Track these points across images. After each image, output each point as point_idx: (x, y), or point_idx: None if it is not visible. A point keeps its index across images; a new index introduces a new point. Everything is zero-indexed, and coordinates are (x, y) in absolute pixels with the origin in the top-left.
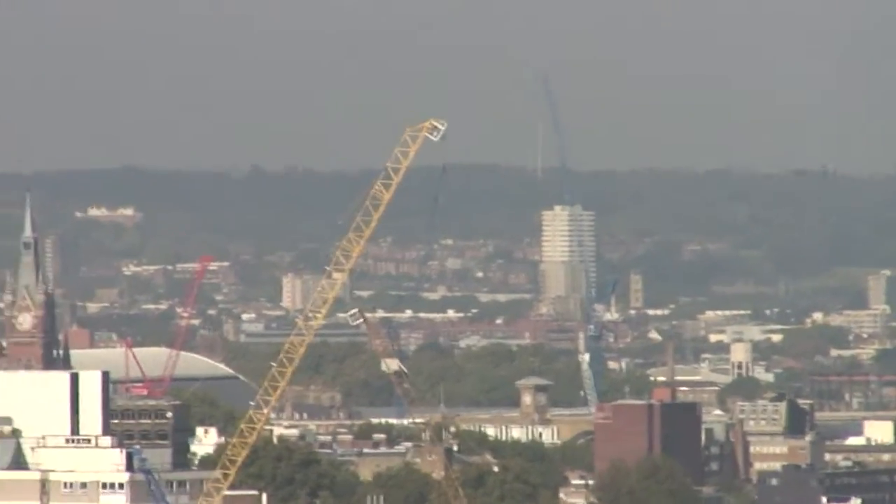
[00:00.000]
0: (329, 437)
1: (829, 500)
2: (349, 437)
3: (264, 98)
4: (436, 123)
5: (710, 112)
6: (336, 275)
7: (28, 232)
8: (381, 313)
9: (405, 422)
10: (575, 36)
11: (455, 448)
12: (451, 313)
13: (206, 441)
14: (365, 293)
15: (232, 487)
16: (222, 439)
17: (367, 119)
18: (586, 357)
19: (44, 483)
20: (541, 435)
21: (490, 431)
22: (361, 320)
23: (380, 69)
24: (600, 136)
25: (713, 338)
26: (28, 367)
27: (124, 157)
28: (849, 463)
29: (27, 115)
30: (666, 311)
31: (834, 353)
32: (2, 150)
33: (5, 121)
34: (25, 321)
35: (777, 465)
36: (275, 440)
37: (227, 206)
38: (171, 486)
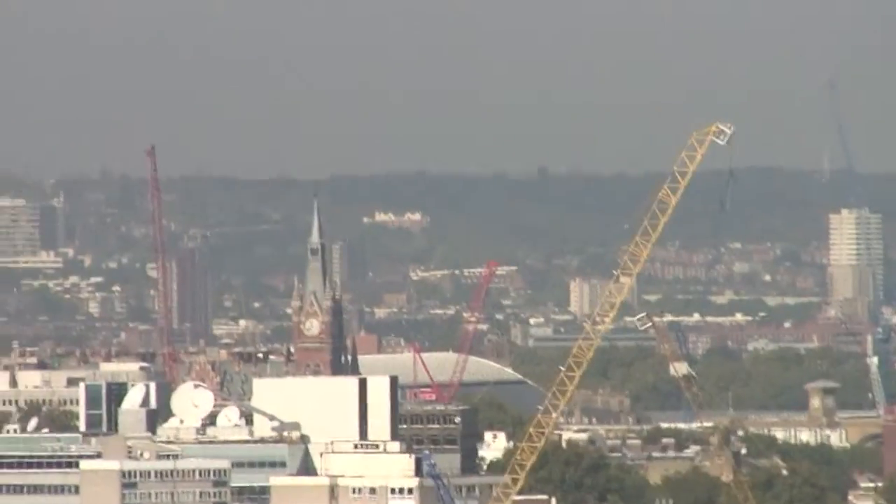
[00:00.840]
0: (618, 442)
1: None
2: (638, 441)
3: (549, 102)
4: (722, 127)
5: None
6: (624, 279)
7: (315, 238)
8: (668, 317)
9: (693, 426)
10: (861, 40)
11: (743, 451)
12: (738, 317)
13: (494, 446)
14: (652, 297)
15: (521, 492)
16: (511, 444)
17: (653, 122)
18: (874, 360)
19: (333, 488)
20: (829, 438)
21: (778, 434)
22: (649, 324)
23: (664, 73)
24: (887, 138)
25: None
26: (316, 372)
27: (411, 163)
28: None
29: (315, 122)
30: None
31: None
32: (289, 155)
33: (295, 127)
34: (313, 326)
35: None
36: (564, 444)
37: (513, 210)
38: (461, 490)
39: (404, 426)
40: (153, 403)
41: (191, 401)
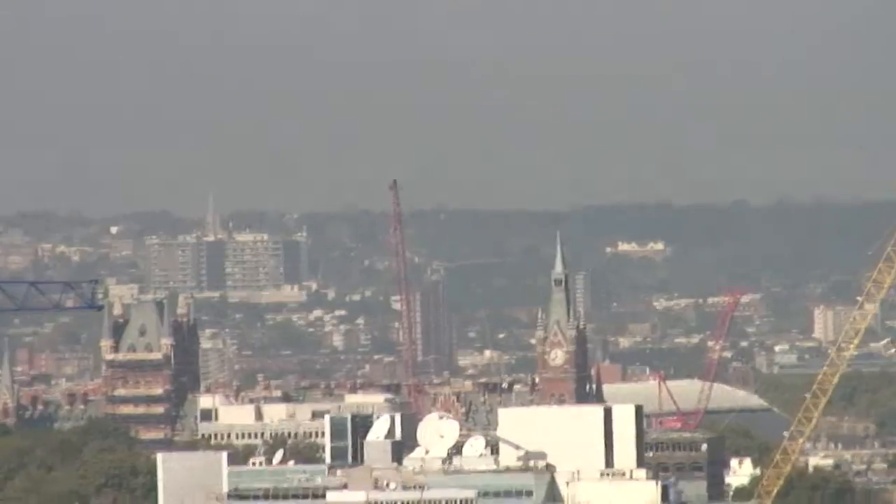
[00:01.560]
0: (864, 467)
1: None
2: (884, 465)
3: (788, 133)
4: None
5: None
6: (868, 305)
7: (559, 268)
8: None
9: None
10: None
11: None
12: None
13: (740, 472)
14: None
15: None
16: (757, 470)
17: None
18: None
19: None
20: None
21: None
22: (894, 350)
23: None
24: None
25: None
26: (561, 401)
27: (653, 193)
28: None
29: (555, 152)
30: None
31: None
32: (531, 186)
33: (535, 158)
34: (558, 357)
35: None
36: (810, 470)
37: (755, 238)
38: None
39: (650, 454)
40: (398, 435)
41: (436, 431)
